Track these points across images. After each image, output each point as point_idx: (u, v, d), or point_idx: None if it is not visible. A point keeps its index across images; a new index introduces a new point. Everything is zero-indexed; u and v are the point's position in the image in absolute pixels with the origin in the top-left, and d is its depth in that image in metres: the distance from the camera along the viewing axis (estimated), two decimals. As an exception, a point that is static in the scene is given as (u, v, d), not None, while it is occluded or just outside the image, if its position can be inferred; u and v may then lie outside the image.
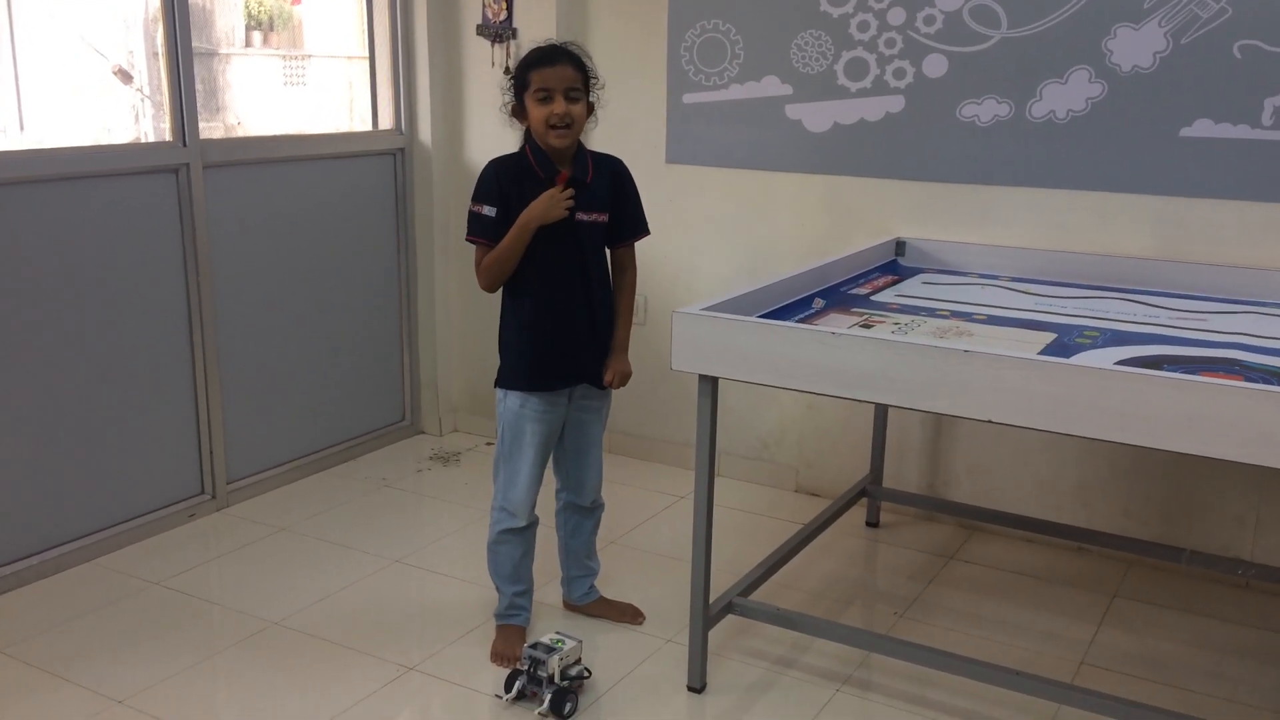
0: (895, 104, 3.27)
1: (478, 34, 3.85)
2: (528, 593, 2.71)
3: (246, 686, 2.52)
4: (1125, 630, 2.83)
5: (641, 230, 2.65)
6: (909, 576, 3.11)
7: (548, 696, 2.37)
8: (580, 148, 2.55)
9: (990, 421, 2.02)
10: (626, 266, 2.65)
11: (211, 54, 3.82)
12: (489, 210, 2.48)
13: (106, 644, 2.68)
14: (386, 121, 3.96)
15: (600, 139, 3.80)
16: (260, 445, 3.62)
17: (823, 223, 3.46)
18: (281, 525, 3.38)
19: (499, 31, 3.81)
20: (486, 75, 3.85)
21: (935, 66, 3.19)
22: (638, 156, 3.71)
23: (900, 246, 3.27)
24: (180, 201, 3.25)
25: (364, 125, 3.98)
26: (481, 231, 2.49)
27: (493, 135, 3.90)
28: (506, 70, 3.79)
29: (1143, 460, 3.12)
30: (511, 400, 2.57)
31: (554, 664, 2.38)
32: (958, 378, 2.03)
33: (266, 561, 3.15)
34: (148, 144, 3.26)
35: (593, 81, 2.52)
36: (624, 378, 2.64)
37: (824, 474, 3.64)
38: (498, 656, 2.61)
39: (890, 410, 3.35)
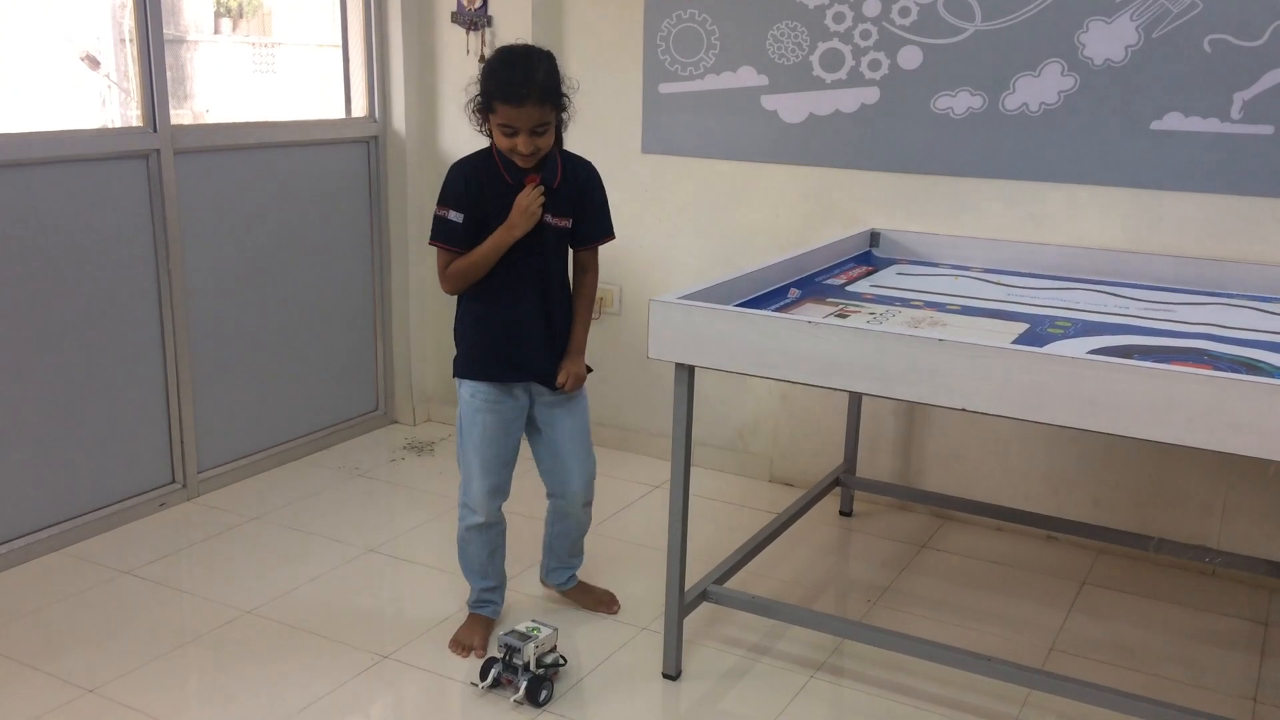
0: (870, 95, 3.29)
1: (452, 21, 3.83)
2: (497, 589, 2.70)
3: (219, 675, 2.50)
4: (1094, 617, 2.86)
5: (605, 234, 2.59)
6: (882, 565, 3.14)
7: (523, 684, 2.37)
8: (551, 151, 2.45)
9: (964, 410, 2.04)
10: (588, 268, 2.59)
11: (179, 40, 3.77)
12: (455, 216, 2.41)
13: (77, 633, 2.66)
14: (360, 109, 3.93)
15: (576, 129, 3.76)
16: (232, 434, 3.59)
17: (798, 213, 3.47)
18: (253, 514, 3.36)
19: (474, 19, 3.79)
20: (461, 63, 3.83)
21: (910, 58, 3.21)
22: (613, 146, 3.73)
23: (874, 237, 3.29)
24: (150, 188, 3.21)
25: (336, 113, 3.95)
26: (447, 238, 2.42)
27: (467, 124, 3.86)
28: (481, 58, 3.78)
29: (1112, 449, 3.16)
30: (464, 390, 2.56)
31: (529, 652, 2.38)
32: (932, 366, 2.05)
33: (238, 551, 3.13)
34: (117, 129, 3.22)
35: (565, 100, 2.40)
36: (578, 380, 2.57)
37: (798, 464, 3.66)
38: (455, 644, 2.61)
39: (864, 400, 3.38)
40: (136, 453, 3.30)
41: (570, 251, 2.58)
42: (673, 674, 2.52)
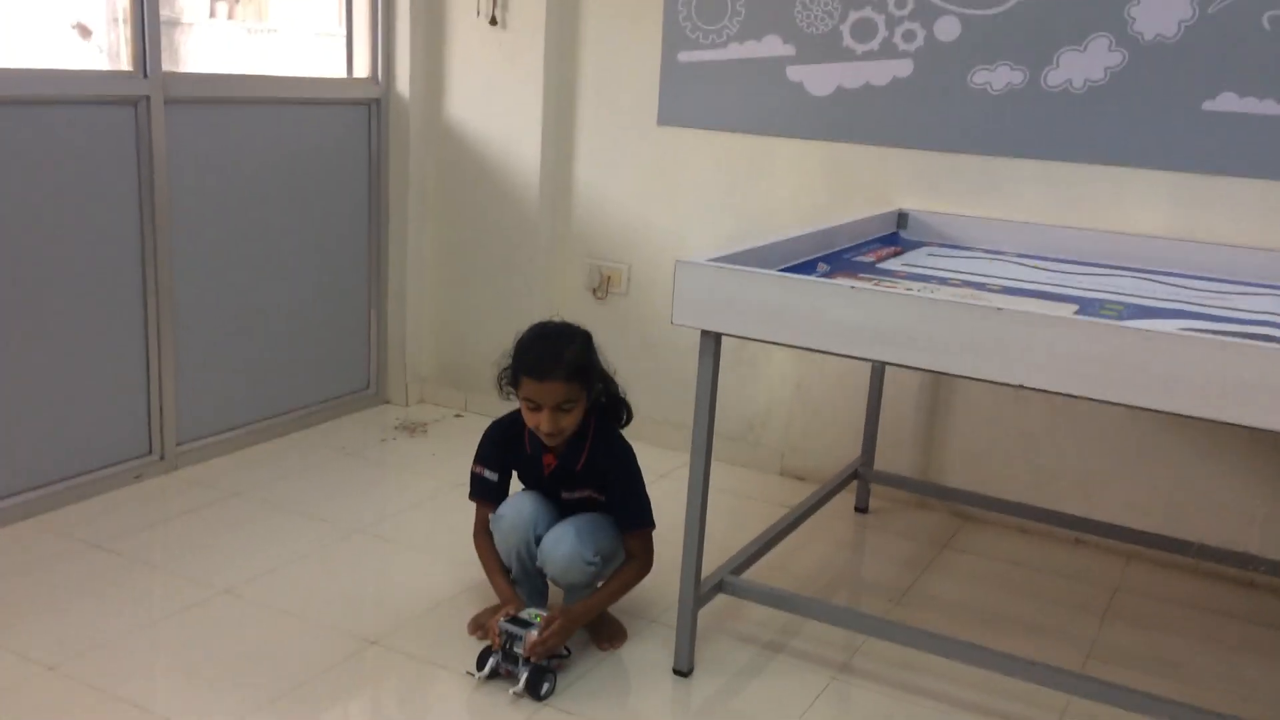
0: (903, 68, 3.11)
1: (463, -19, 3.65)
2: (518, 584, 2.47)
3: (191, 655, 2.30)
4: (1130, 625, 2.69)
5: (635, 525, 2.42)
6: (901, 565, 2.96)
7: (523, 675, 2.18)
8: (583, 431, 2.40)
9: (1021, 386, 1.87)
10: (633, 555, 2.43)
11: (174, 23, 3.59)
12: (490, 475, 2.48)
13: (39, 606, 2.45)
14: (362, 69, 3.74)
15: (589, 97, 3.62)
16: (214, 406, 3.38)
17: (822, 192, 3.29)
18: (234, 490, 3.16)
19: (485, -20, 3.60)
20: (470, 24, 3.65)
21: (947, 29, 3.04)
22: (627, 117, 3.56)
23: (903, 218, 3.12)
24: (138, 138, 3.02)
25: (338, 74, 3.76)
26: (483, 494, 2.49)
27: (476, 89, 3.70)
28: (493, 20, 3.60)
29: (1146, 449, 2.99)
30: None
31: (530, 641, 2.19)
32: (988, 337, 1.87)
33: (217, 527, 2.93)
34: (104, 72, 3.02)
35: (598, 383, 2.39)
36: (555, 636, 2.23)
37: (811, 457, 3.47)
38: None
39: (884, 391, 3.20)
40: (112, 420, 3.10)
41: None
42: (684, 670, 2.33)
